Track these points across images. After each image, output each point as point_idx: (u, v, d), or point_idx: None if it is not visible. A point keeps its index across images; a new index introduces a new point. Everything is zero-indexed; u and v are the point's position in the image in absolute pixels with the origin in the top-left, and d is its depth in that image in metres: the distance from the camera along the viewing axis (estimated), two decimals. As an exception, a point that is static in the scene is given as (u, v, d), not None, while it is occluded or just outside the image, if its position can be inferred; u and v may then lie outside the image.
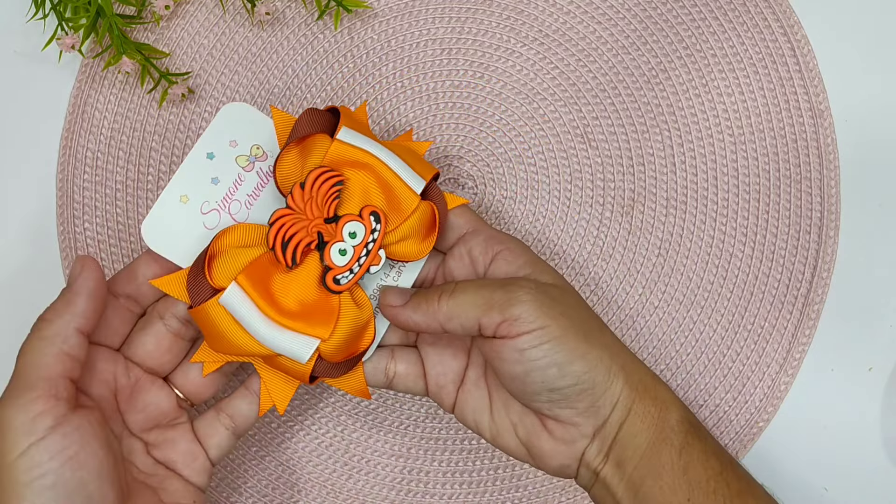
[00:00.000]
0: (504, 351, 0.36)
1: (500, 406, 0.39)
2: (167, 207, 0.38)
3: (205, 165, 0.39)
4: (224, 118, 0.39)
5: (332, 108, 0.39)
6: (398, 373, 0.40)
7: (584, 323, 0.37)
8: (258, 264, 0.37)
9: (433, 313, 0.37)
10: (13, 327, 0.50)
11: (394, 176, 0.38)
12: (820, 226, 0.47)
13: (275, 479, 0.48)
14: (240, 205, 0.39)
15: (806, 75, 0.47)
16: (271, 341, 0.36)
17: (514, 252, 0.39)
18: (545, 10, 0.48)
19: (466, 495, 0.47)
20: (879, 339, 0.47)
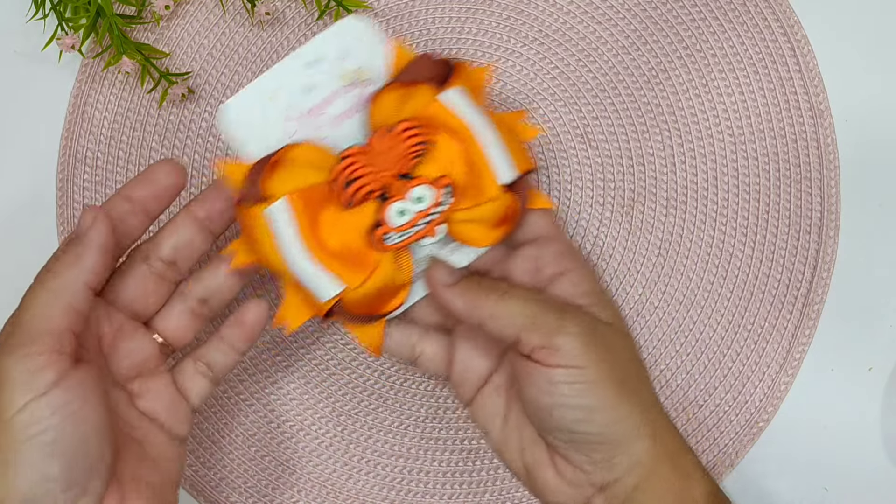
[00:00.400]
0: (535, 376, 0.34)
1: (513, 422, 0.38)
2: (253, 98, 0.35)
3: (306, 70, 0.36)
4: (344, 29, 0.36)
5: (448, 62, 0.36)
6: (425, 353, 0.39)
7: (625, 373, 0.35)
8: (316, 190, 0.34)
9: (478, 307, 0.35)
10: (13, 327, 0.50)
11: (483, 158, 0.35)
12: (820, 226, 0.47)
13: (275, 479, 0.48)
14: (325, 122, 0.36)
15: (806, 75, 0.47)
16: (299, 269, 0.34)
17: (582, 277, 0.37)
18: (545, 10, 0.48)
19: (466, 495, 0.47)
20: (879, 339, 0.47)
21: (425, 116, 0.35)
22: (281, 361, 0.48)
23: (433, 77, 0.35)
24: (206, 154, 0.49)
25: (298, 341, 0.48)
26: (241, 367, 0.48)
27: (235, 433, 0.48)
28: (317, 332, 0.48)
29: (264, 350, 0.48)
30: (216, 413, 0.48)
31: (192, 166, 0.49)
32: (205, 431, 0.48)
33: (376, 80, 0.36)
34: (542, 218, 0.38)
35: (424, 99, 0.35)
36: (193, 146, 0.49)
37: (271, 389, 0.48)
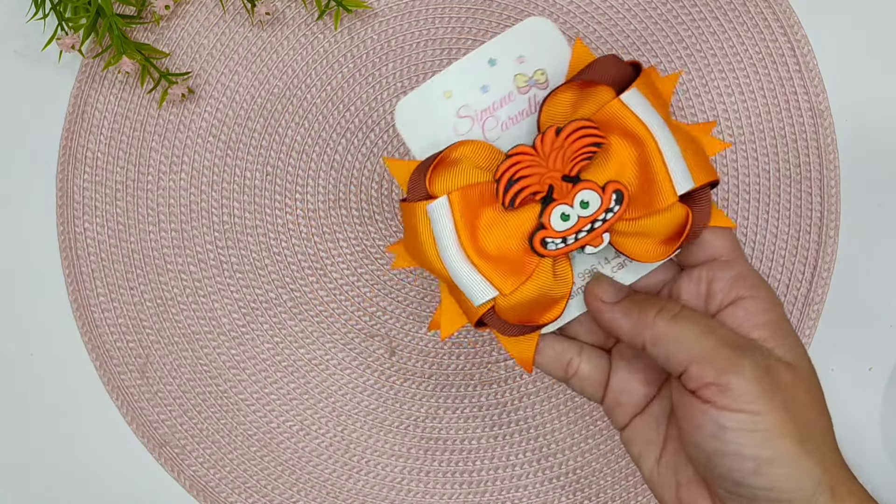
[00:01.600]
0: (700, 416, 0.31)
1: (670, 458, 0.34)
2: (429, 95, 0.35)
3: (482, 69, 0.35)
4: (525, 29, 0.34)
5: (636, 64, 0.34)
6: (580, 373, 0.36)
7: (807, 424, 0.31)
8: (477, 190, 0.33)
9: (643, 327, 0.32)
10: (13, 327, 0.50)
11: (660, 163, 0.32)
12: (820, 226, 0.47)
13: (275, 479, 0.48)
14: (496, 122, 0.35)
15: (806, 75, 0.47)
16: (454, 270, 0.33)
17: (760, 306, 0.33)
18: (545, 11, 0.48)
19: (466, 495, 0.47)
20: (879, 339, 0.47)
21: (601, 118, 0.32)
22: (281, 362, 0.48)
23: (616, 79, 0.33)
24: (205, 154, 0.49)
25: (298, 341, 0.48)
26: (240, 367, 0.48)
27: (235, 433, 0.48)
28: (316, 332, 0.48)
29: (264, 350, 0.48)
30: (216, 413, 0.48)
31: (192, 166, 0.49)
32: (205, 431, 0.48)
33: (554, 84, 0.34)
34: (721, 238, 0.34)
35: (602, 99, 0.33)
36: (193, 146, 0.49)
37: (271, 389, 0.48)
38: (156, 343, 0.49)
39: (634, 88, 0.32)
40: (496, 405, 0.48)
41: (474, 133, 0.35)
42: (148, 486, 0.49)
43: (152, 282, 0.49)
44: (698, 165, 0.33)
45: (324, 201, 0.48)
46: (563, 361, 0.36)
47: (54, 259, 0.49)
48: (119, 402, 0.49)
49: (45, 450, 0.49)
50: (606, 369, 0.36)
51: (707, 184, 0.33)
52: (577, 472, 0.47)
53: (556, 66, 0.34)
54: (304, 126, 0.49)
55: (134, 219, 0.49)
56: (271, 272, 0.48)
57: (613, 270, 0.35)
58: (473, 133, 0.35)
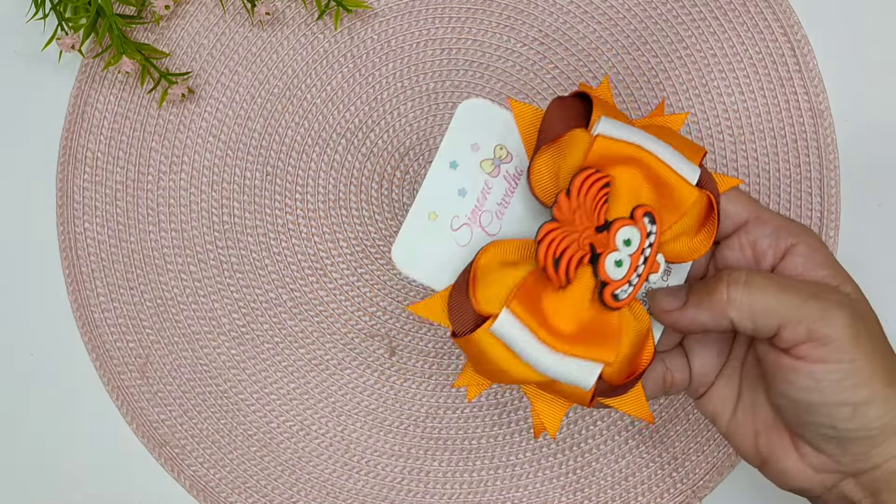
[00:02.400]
0: (795, 374, 0.31)
1: (747, 407, 0.35)
2: (416, 228, 0.35)
3: (449, 177, 0.35)
4: (460, 120, 0.35)
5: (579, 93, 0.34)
6: (675, 381, 0.36)
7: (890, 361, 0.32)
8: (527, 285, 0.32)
9: (721, 308, 0.32)
10: (13, 327, 0.50)
11: (665, 168, 0.33)
12: (820, 226, 0.47)
13: (275, 479, 0.48)
14: (490, 216, 0.35)
15: (806, 75, 0.47)
16: (552, 370, 0.32)
17: (812, 247, 0.33)
18: (545, 10, 0.48)
19: (466, 495, 0.47)
20: (879, 339, 0.47)
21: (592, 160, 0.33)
22: (281, 362, 0.48)
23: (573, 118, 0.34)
24: (205, 154, 0.49)
25: (298, 341, 0.48)
26: (240, 367, 0.48)
27: (235, 433, 0.48)
28: (316, 332, 0.48)
29: (264, 350, 0.48)
30: (216, 413, 0.48)
31: (192, 166, 0.49)
32: (205, 431, 0.48)
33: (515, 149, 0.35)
34: (737, 201, 0.35)
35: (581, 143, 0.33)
36: (193, 146, 0.49)
37: (271, 389, 0.48)
38: (156, 343, 0.49)
39: (603, 117, 0.33)
40: (496, 405, 0.48)
41: (476, 236, 0.35)
42: (148, 486, 0.49)
43: (152, 282, 0.49)
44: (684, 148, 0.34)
45: (324, 201, 0.48)
46: (659, 380, 0.36)
47: (54, 259, 0.49)
48: (119, 402, 0.49)
49: (45, 450, 0.49)
50: (687, 363, 0.36)
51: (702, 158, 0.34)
52: (577, 472, 0.47)
53: (508, 134, 0.35)
54: (304, 126, 0.49)
55: (134, 219, 0.49)
56: (271, 272, 0.48)
57: (664, 280, 0.36)
58: (475, 237, 0.35)
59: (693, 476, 0.47)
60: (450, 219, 0.35)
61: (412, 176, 0.48)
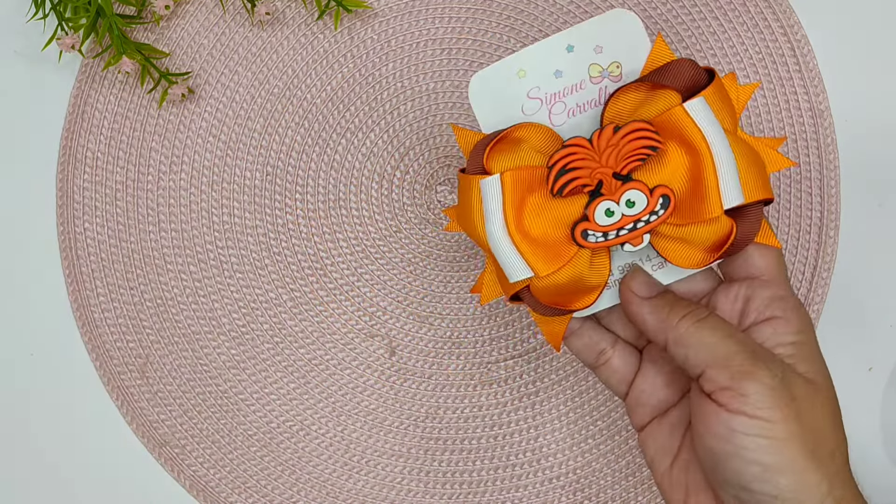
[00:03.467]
0: (712, 418, 0.31)
1: (682, 465, 0.35)
2: (503, 72, 0.35)
3: (559, 54, 0.35)
4: (607, 20, 0.35)
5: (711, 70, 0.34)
6: (610, 364, 0.37)
7: (819, 439, 0.31)
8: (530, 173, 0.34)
9: (667, 327, 0.33)
10: (13, 327, 0.50)
11: (713, 175, 0.32)
12: (820, 226, 0.47)
13: (275, 479, 0.48)
14: (564, 107, 0.35)
15: (806, 75, 0.47)
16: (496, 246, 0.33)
17: (790, 327, 0.33)
18: (545, 10, 0.48)
19: (466, 495, 0.47)
20: (879, 339, 0.47)
21: (662, 122, 0.33)
22: (281, 362, 0.48)
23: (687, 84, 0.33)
24: (205, 154, 0.49)
25: (298, 341, 0.48)
26: (240, 367, 0.48)
27: (235, 433, 0.48)
28: (316, 332, 0.48)
29: (264, 350, 0.48)
30: (216, 413, 0.48)
31: (192, 167, 0.49)
32: (205, 431, 0.48)
33: (628, 79, 0.35)
34: (766, 257, 0.34)
35: (667, 103, 0.33)
36: (193, 146, 0.49)
37: (271, 389, 0.48)
38: (156, 343, 0.49)
39: (702, 97, 0.33)
40: (496, 405, 0.48)
41: (541, 115, 0.35)
42: (148, 486, 0.49)
43: (152, 282, 0.49)
44: (754, 181, 0.33)
45: (324, 201, 0.48)
46: (597, 350, 0.37)
47: (54, 259, 0.49)
48: (119, 402, 0.49)
49: (45, 450, 0.49)
50: (635, 367, 0.36)
51: (760, 200, 0.33)
52: (577, 472, 0.47)
53: (633, 61, 0.34)
54: (304, 126, 0.49)
55: (134, 219, 0.49)
56: (271, 272, 0.48)
57: (653, 268, 0.36)
58: (540, 115, 0.35)
59: (693, 476, 0.47)
60: (532, 86, 0.35)
61: (412, 176, 0.48)
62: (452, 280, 0.48)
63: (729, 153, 0.32)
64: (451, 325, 0.48)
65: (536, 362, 0.48)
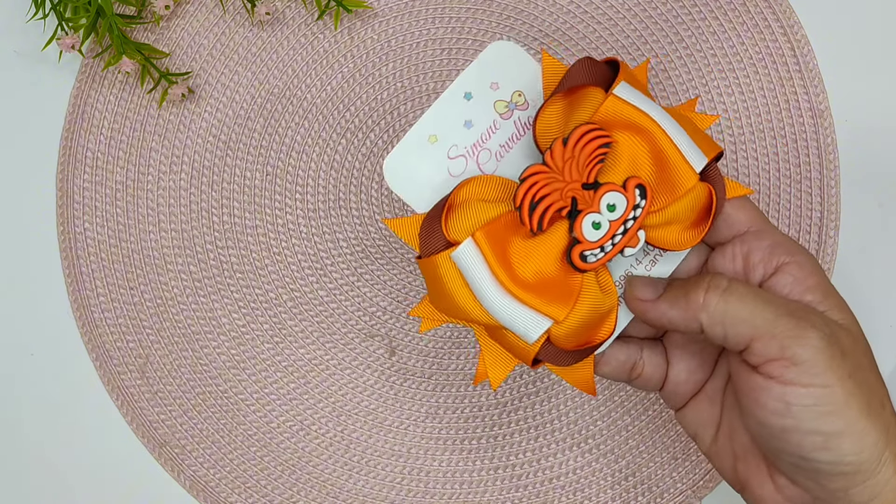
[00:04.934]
0: (764, 394, 0.29)
1: (727, 431, 0.34)
2: (413, 146, 0.34)
3: (460, 105, 0.34)
4: (490, 56, 0.34)
5: (611, 60, 0.33)
6: (645, 375, 0.35)
7: (871, 392, 0.30)
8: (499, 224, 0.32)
9: (695, 309, 0.31)
10: (13, 327, 0.50)
11: (672, 146, 0.31)
12: (820, 226, 0.47)
13: (275, 479, 0.48)
14: (489, 154, 0.34)
15: (806, 75, 0.47)
16: (500, 311, 0.31)
17: (804, 269, 0.32)
18: (545, 10, 0.48)
19: (466, 495, 0.47)
20: (879, 339, 0.47)
21: (600, 119, 0.32)
22: (281, 362, 0.48)
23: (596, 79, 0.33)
24: (205, 154, 0.49)
25: (298, 341, 0.48)
26: (240, 367, 0.48)
27: (235, 433, 0.48)
28: (316, 332, 0.48)
29: (264, 350, 0.48)
30: (216, 413, 0.48)
31: (192, 166, 0.49)
32: (205, 431, 0.48)
33: (534, 100, 0.34)
34: (743, 210, 0.33)
35: (595, 100, 0.32)
36: (193, 146, 0.49)
37: (271, 389, 0.48)
38: (156, 343, 0.49)
39: (623, 82, 0.32)
40: (496, 405, 0.48)
41: (470, 171, 0.34)
42: (148, 486, 0.49)
43: (152, 282, 0.49)
44: (701, 141, 0.32)
45: (324, 201, 0.48)
46: (628, 367, 0.35)
47: (54, 259, 0.49)
48: (119, 402, 0.49)
49: (45, 450, 0.49)
50: (665, 362, 0.35)
51: (713, 158, 0.32)
52: (578, 472, 0.47)
53: (531, 84, 0.34)
54: (304, 126, 0.49)
55: (134, 219, 0.49)
56: (271, 272, 0.48)
57: (647, 269, 0.35)
58: (469, 171, 0.34)
59: (693, 476, 0.47)
60: (449, 146, 0.34)
61: (412, 176, 0.48)
62: (452, 280, 0.48)
63: (673, 122, 0.32)
64: (451, 325, 0.48)
65: (536, 362, 0.48)
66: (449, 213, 0.32)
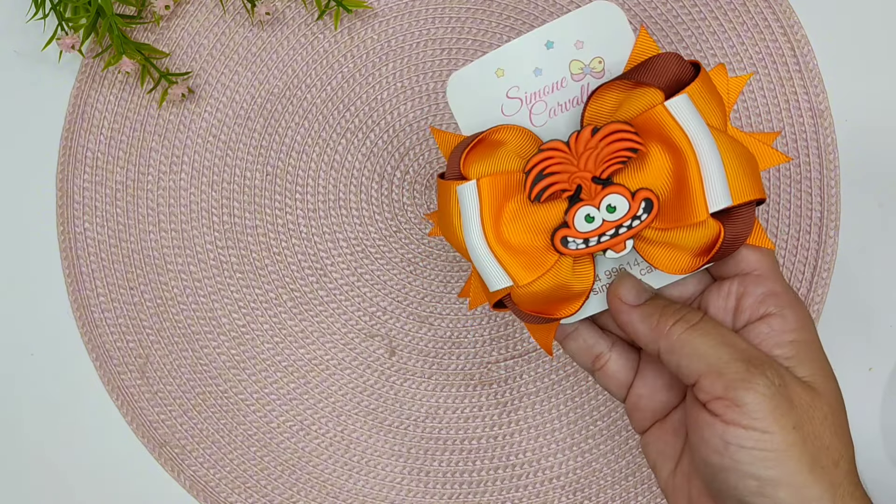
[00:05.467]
0: (707, 430, 0.30)
1: (686, 471, 0.33)
2: (481, 71, 0.34)
3: (538, 52, 0.33)
4: (588, 14, 0.33)
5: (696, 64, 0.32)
6: (607, 368, 0.35)
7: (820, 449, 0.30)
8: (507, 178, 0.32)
9: (659, 335, 0.31)
10: (13, 327, 0.50)
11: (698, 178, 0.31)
12: (820, 226, 0.47)
13: (275, 479, 0.48)
14: (545, 107, 0.34)
15: (806, 75, 0.47)
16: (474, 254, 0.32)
17: (787, 325, 0.32)
18: (545, 10, 0.48)
19: (466, 495, 0.47)
20: (879, 339, 0.47)
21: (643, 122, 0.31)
22: (281, 362, 0.48)
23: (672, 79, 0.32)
24: (205, 154, 0.49)
25: (298, 341, 0.48)
26: (240, 367, 0.48)
27: (235, 433, 0.48)
28: (316, 332, 0.48)
29: (264, 350, 0.48)
30: (216, 413, 0.48)
31: (192, 167, 0.49)
32: (204, 431, 0.48)
33: (611, 74, 0.33)
34: (756, 254, 0.33)
35: (649, 101, 0.32)
36: (193, 146, 0.49)
37: (271, 389, 0.48)
38: (156, 343, 0.49)
39: (685, 95, 0.31)
40: (496, 405, 0.48)
41: (521, 116, 0.34)
42: (148, 486, 0.49)
43: (152, 282, 0.49)
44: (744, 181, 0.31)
45: (324, 201, 0.48)
46: (593, 353, 0.35)
47: (54, 259, 0.49)
48: (119, 402, 0.49)
49: (45, 450, 0.49)
50: (633, 370, 0.35)
51: (751, 201, 0.32)
52: (577, 472, 0.47)
53: (616, 56, 0.33)
54: (304, 126, 0.49)
55: (134, 219, 0.49)
56: (271, 272, 0.48)
57: (642, 272, 0.35)
58: (520, 115, 0.34)
59: (693, 476, 0.47)
60: (511, 85, 0.34)
61: (412, 176, 0.48)
62: (452, 280, 0.48)
63: (715, 152, 0.31)
64: (451, 325, 0.48)
65: (536, 362, 0.48)
66: (475, 148, 0.33)
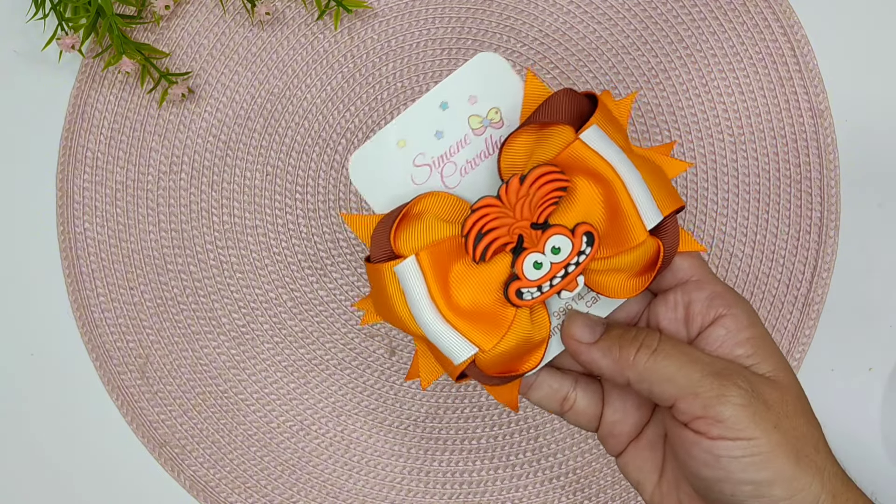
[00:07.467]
0: (695, 448, 0.31)
1: (671, 479, 0.34)
2: (382, 146, 0.34)
3: (434, 114, 0.34)
4: (473, 69, 0.34)
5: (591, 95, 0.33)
6: (576, 407, 0.35)
7: (800, 439, 0.31)
8: (445, 246, 0.32)
9: (624, 366, 0.32)
10: (13, 327, 0.50)
11: (628, 200, 0.32)
12: (820, 226, 0.47)
13: (275, 479, 0.48)
14: (455, 168, 0.34)
15: (806, 75, 0.47)
16: (430, 330, 0.32)
17: (739, 321, 0.33)
18: (545, 10, 0.48)
19: (466, 495, 0.47)
20: (879, 339, 0.47)
21: (563, 160, 0.32)
22: (281, 362, 0.48)
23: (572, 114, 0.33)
24: (205, 154, 0.49)
25: (298, 341, 0.48)
26: (240, 367, 0.48)
27: (235, 433, 0.48)
28: (316, 332, 0.48)
29: (264, 350, 0.48)
30: (216, 413, 0.48)
31: (192, 167, 0.49)
32: (204, 431, 0.48)
33: (509, 122, 0.34)
34: (688, 260, 0.34)
35: (562, 139, 0.32)
36: (193, 146, 0.49)
37: (271, 389, 0.48)
38: (156, 343, 0.49)
39: (595, 125, 0.32)
40: (496, 405, 0.48)
41: (433, 181, 0.34)
42: (148, 486, 0.49)
43: (152, 282, 0.49)
44: (663, 194, 0.33)
45: (324, 201, 0.48)
46: (560, 397, 0.35)
47: (54, 259, 0.49)
48: (119, 402, 0.49)
49: (45, 450, 0.49)
50: (601, 400, 0.35)
51: (673, 211, 0.33)
52: (577, 472, 0.47)
53: (509, 102, 0.34)
54: (304, 126, 0.49)
55: (134, 219, 0.49)
56: (271, 272, 0.48)
57: (588, 305, 0.35)
58: (432, 181, 0.34)
59: (693, 476, 0.47)
60: (416, 153, 0.34)
61: (412, 176, 0.48)
62: (452, 280, 0.48)
63: (636, 174, 0.32)
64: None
65: (536, 362, 0.48)
66: (401, 224, 0.33)
